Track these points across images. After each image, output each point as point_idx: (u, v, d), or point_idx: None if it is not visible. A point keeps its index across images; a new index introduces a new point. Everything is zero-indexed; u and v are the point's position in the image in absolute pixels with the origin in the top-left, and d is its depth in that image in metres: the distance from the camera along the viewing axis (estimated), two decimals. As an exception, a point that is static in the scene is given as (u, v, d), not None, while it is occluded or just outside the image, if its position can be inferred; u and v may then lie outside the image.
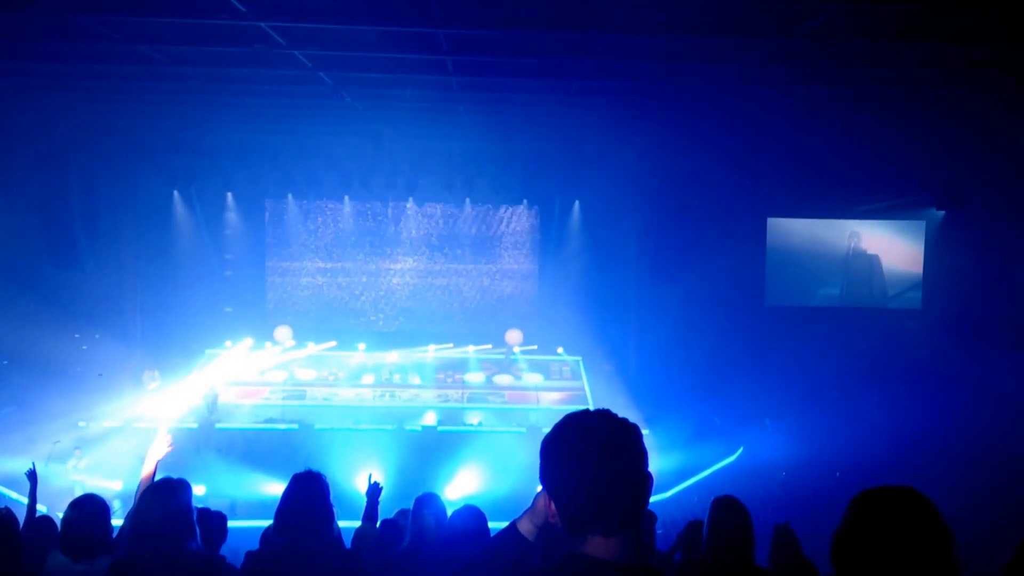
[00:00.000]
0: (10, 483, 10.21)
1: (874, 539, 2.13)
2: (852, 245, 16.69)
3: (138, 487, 4.29)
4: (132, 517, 3.83)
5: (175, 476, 3.90)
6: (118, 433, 12.69)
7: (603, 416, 1.92)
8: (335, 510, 4.01)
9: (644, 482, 1.89)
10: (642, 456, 1.90)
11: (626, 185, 16.32)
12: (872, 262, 16.67)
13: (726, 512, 4.27)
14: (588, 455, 1.85)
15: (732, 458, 13.26)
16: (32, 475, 4.94)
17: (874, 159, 14.52)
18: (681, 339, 15.49)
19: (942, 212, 15.39)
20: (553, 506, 1.92)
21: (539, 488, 2.03)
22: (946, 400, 13.45)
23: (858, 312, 16.53)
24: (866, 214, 16.26)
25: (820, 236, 16.57)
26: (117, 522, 4.31)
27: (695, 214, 15.37)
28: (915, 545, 2.09)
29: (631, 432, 1.90)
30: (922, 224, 16.30)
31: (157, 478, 4.06)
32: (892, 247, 16.64)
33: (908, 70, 8.88)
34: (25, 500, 4.99)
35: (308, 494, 3.94)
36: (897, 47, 7.96)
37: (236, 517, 6.72)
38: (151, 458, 4.34)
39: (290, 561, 3.86)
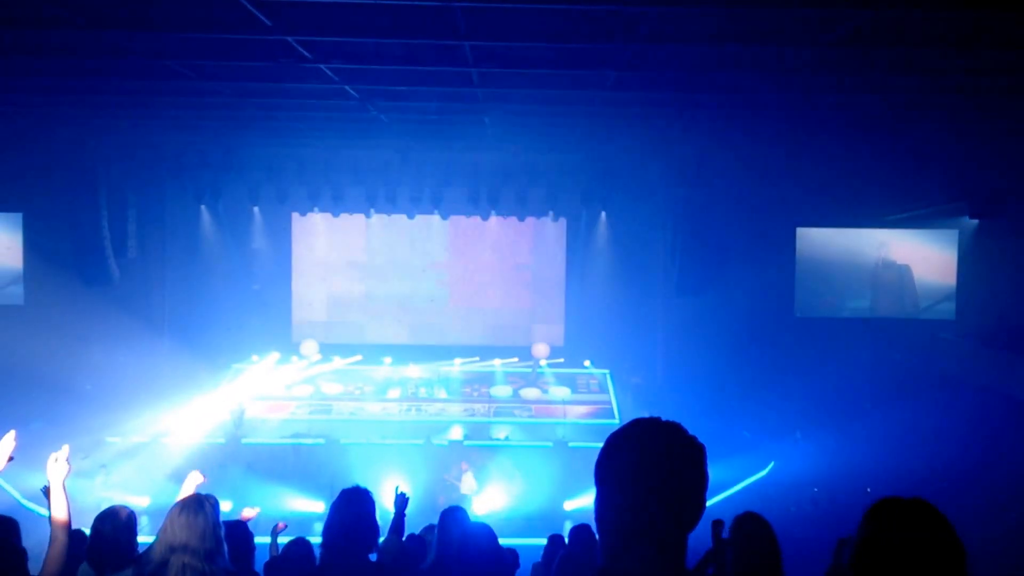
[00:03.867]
0: (37, 498, 10.26)
1: (884, 551, 2.15)
2: (882, 255, 16.39)
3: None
4: (160, 534, 3.80)
5: (203, 492, 3.89)
6: (146, 449, 12.75)
7: (672, 431, 1.84)
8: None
9: (694, 506, 1.81)
10: (699, 480, 1.82)
11: (653, 195, 16.23)
12: (903, 272, 16.35)
13: (747, 530, 4.21)
14: (644, 468, 1.78)
15: (763, 473, 13.08)
16: (47, 492, 4.91)
17: (905, 167, 14.30)
18: (709, 351, 15.33)
19: (975, 221, 15.10)
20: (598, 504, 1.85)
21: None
22: (981, 413, 13.18)
23: (890, 323, 16.26)
24: (897, 223, 16.01)
25: (850, 246, 16.31)
26: (146, 539, 4.28)
27: (723, 224, 15.22)
28: (924, 557, 2.11)
29: (692, 455, 1.83)
30: (955, 233, 15.95)
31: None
32: (924, 257, 16.29)
33: (939, 77, 8.73)
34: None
35: (356, 511, 3.90)
36: (927, 54, 7.83)
37: (261, 533, 6.67)
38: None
39: None
